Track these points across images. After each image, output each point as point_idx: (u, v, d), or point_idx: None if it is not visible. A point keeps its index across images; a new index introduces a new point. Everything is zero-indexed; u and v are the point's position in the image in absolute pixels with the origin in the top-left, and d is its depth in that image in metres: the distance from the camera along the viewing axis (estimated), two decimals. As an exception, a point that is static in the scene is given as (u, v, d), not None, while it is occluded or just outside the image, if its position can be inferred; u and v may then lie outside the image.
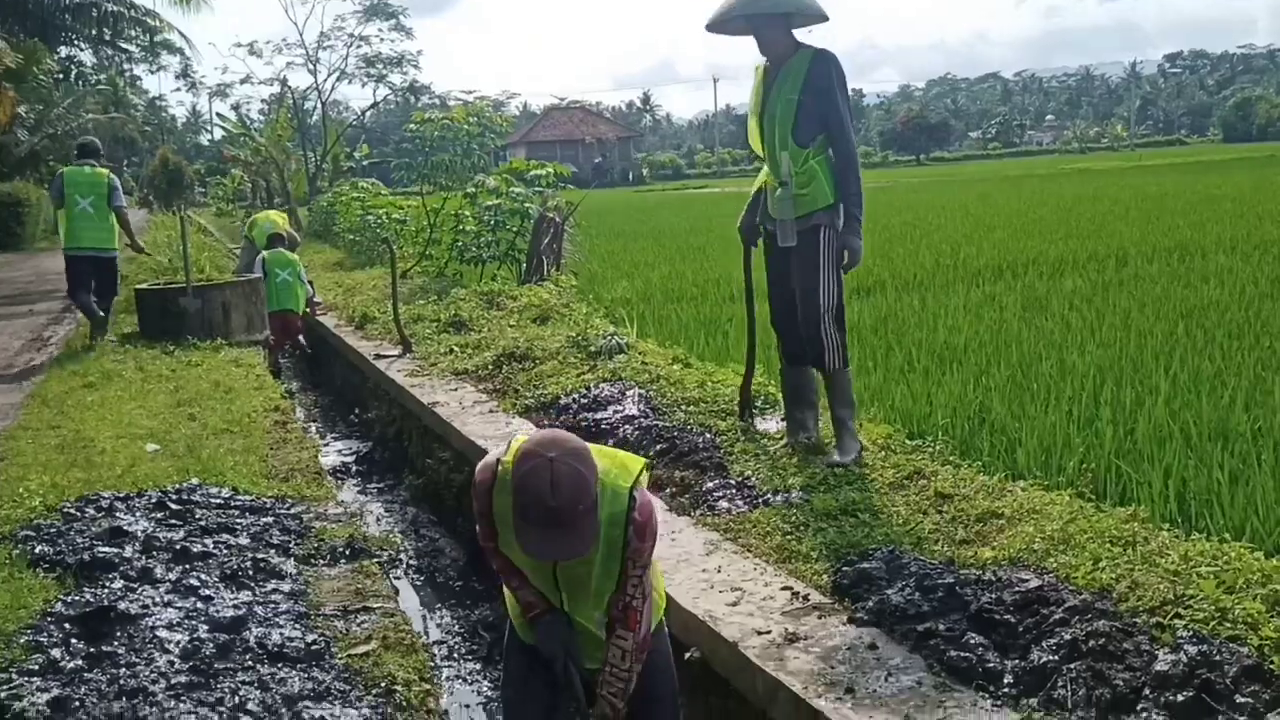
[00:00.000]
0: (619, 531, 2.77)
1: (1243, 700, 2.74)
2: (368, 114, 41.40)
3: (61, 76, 37.49)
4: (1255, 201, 20.48)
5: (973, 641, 3.22)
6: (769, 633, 3.56)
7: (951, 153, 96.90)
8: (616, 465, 2.86)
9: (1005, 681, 3.08)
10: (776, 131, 5.15)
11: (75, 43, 33.64)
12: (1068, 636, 3.12)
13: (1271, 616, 3.07)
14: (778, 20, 5.10)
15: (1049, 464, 5.28)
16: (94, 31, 24.01)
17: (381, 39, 30.89)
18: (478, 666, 5.25)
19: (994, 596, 3.42)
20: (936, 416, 6.19)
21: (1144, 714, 2.79)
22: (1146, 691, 2.85)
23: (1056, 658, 3.07)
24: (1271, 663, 2.86)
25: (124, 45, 26.09)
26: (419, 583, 6.38)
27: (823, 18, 5.20)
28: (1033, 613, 3.30)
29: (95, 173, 10.91)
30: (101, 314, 11.12)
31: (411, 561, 6.55)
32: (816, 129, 5.07)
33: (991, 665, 3.13)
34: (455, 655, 5.35)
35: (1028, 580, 3.49)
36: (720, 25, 5.29)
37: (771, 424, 5.93)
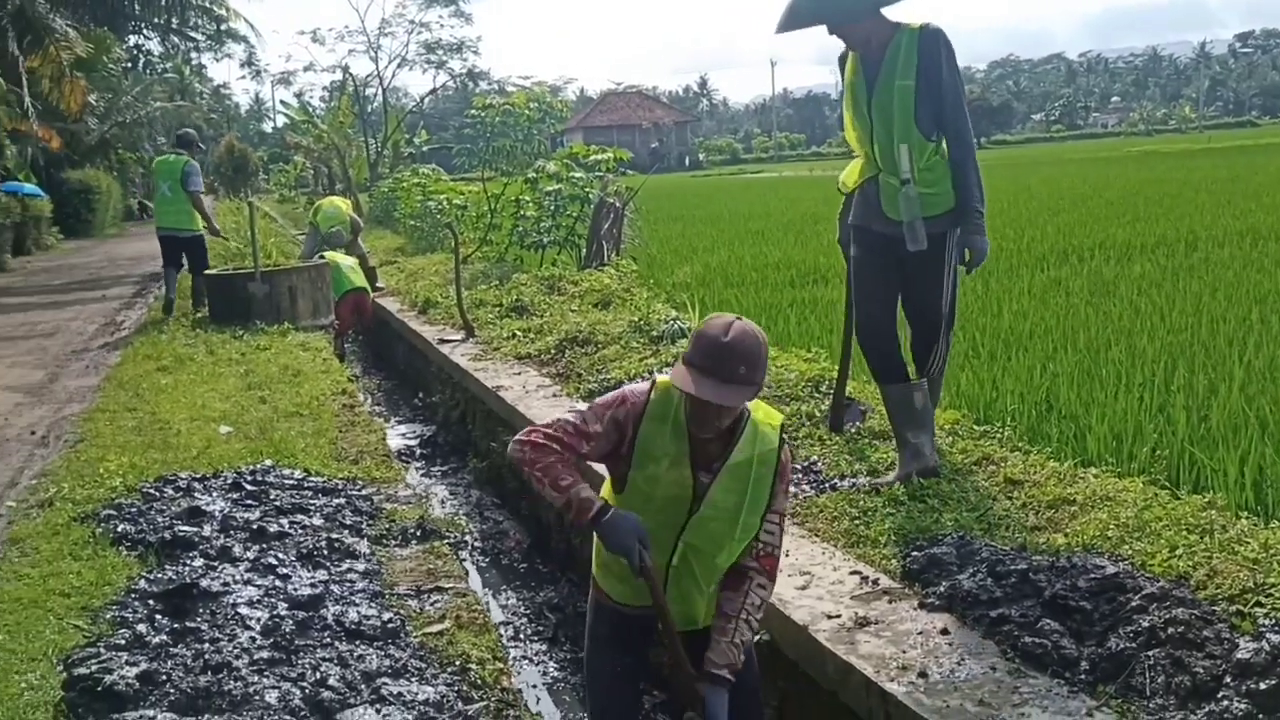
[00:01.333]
0: (769, 471, 2.79)
1: (1328, 690, 2.70)
2: (426, 100, 41.67)
3: (130, 65, 38.24)
4: (1332, 184, 19.97)
5: (1047, 628, 3.20)
6: (839, 616, 3.56)
7: (1014, 135, 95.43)
8: (763, 409, 2.90)
9: (1081, 668, 3.05)
10: (895, 122, 4.62)
11: (143, 32, 34.28)
12: (1145, 624, 3.09)
13: (1356, 606, 3.02)
14: (861, 11, 4.59)
15: (1120, 451, 5.20)
16: (162, 20, 24.39)
17: (442, 25, 31.14)
18: (544, 647, 5.31)
19: (1068, 583, 3.39)
20: (1004, 402, 6.13)
21: (1225, 702, 2.75)
22: (1228, 680, 2.81)
23: (1134, 645, 3.04)
24: (1357, 653, 2.81)
25: (191, 33, 26.45)
26: (484, 564, 6.45)
27: None
28: (1109, 599, 3.27)
29: (176, 159, 12.00)
30: (173, 296, 12.11)
31: (477, 544, 6.63)
32: (936, 117, 4.62)
33: (1067, 652, 3.11)
34: (521, 636, 5.42)
35: (1103, 567, 3.45)
36: (794, 25, 4.77)
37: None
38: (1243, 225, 14.17)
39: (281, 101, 41.44)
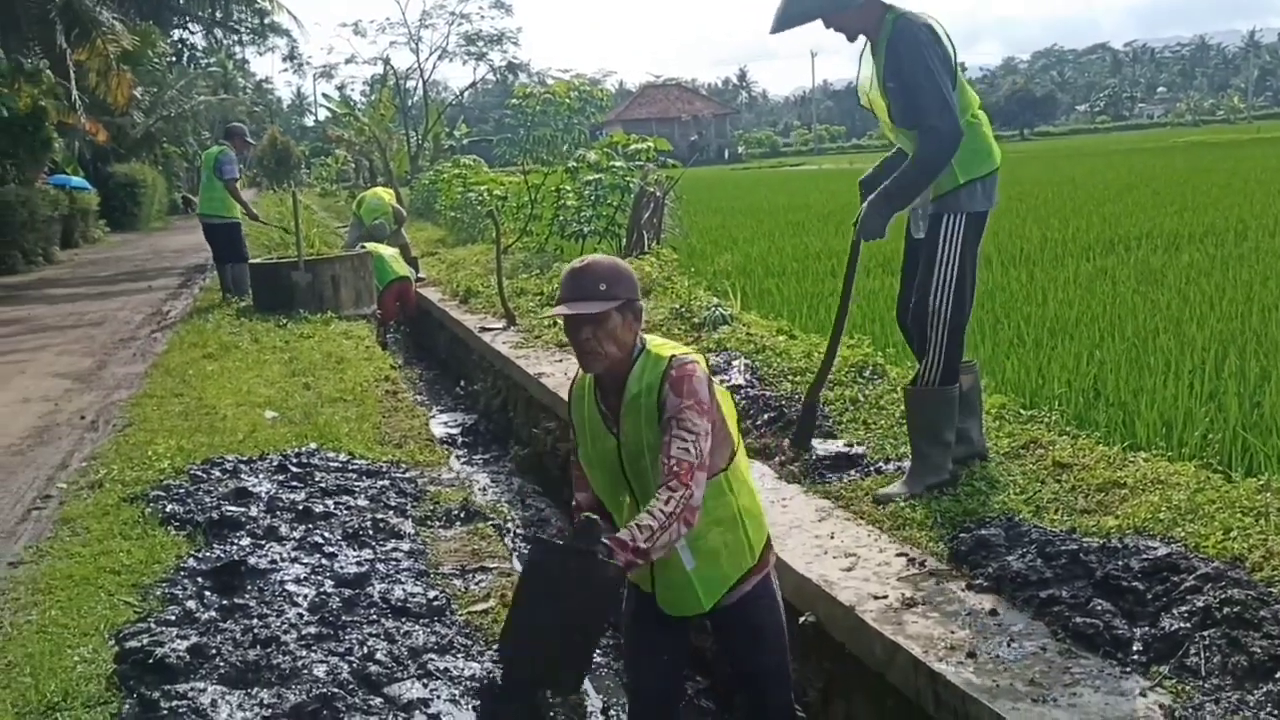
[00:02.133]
0: (654, 398, 2.80)
1: (1390, 671, 2.64)
2: (466, 93, 41.85)
3: (174, 60, 38.65)
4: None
5: (1099, 608, 3.15)
6: (885, 597, 3.54)
7: (1057, 126, 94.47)
8: (669, 346, 2.94)
9: (1134, 649, 3.01)
10: (881, 118, 4.54)
11: (188, 26, 34.65)
12: (1200, 604, 3.04)
13: None
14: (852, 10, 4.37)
15: (1170, 437, 5.13)
16: (207, 13, 24.65)
17: (482, 16, 31.24)
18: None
19: (1120, 563, 3.34)
20: (1050, 388, 6.06)
21: (1283, 683, 2.70)
22: (1286, 660, 2.76)
23: (1189, 625, 2.99)
24: None
25: (235, 26, 26.72)
26: (525, 551, 6.47)
27: None
28: (1162, 580, 3.22)
29: (215, 149, 12.54)
30: (227, 278, 12.50)
31: (519, 530, 6.64)
32: (901, 114, 4.37)
33: (1119, 632, 3.06)
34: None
35: (1155, 548, 3.40)
36: (787, 24, 4.54)
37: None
38: (1295, 213, 13.93)
39: (323, 95, 41.85)
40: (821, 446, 5.09)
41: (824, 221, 17.41)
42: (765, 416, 5.67)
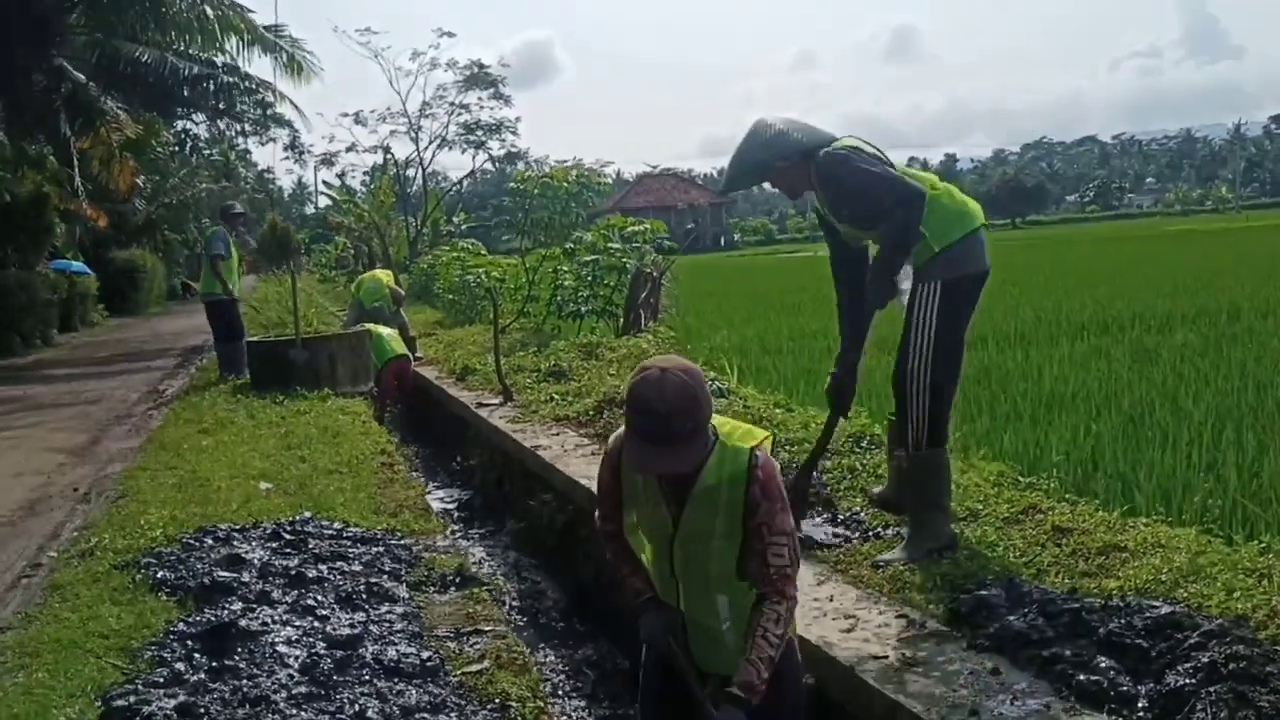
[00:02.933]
0: (739, 494, 2.68)
1: (1399, 724, 2.60)
2: (464, 182, 42.39)
3: (177, 149, 39.21)
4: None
5: (1103, 665, 3.11)
6: (886, 657, 3.49)
7: (1048, 216, 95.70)
8: (740, 430, 2.80)
9: (1139, 705, 2.96)
10: (861, 231, 4.68)
11: (190, 116, 35.20)
12: (1205, 660, 3.00)
13: None
14: (774, 171, 4.61)
15: (1169, 505, 5.11)
16: (211, 103, 25.08)
17: (481, 106, 31.71)
18: (583, 704, 5.21)
19: (1123, 621, 3.31)
20: (1048, 458, 6.05)
21: (1292, 737, 2.66)
22: (1294, 714, 2.72)
23: (1194, 681, 2.95)
24: None
25: (239, 116, 27.15)
26: (522, 623, 6.38)
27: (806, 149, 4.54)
28: (1166, 637, 3.18)
29: (211, 230, 12.98)
30: (225, 360, 12.51)
31: (515, 603, 6.56)
32: (868, 219, 4.52)
33: (1124, 689, 3.02)
34: (560, 693, 5.33)
35: (1158, 607, 3.37)
36: (733, 187, 4.92)
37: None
38: (1286, 296, 14.04)
39: (324, 182, 42.28)
40: (809, 526, 5.03)
41: (820, 304, 17.51)
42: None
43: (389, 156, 33.32)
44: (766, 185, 5.04)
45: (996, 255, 4.79)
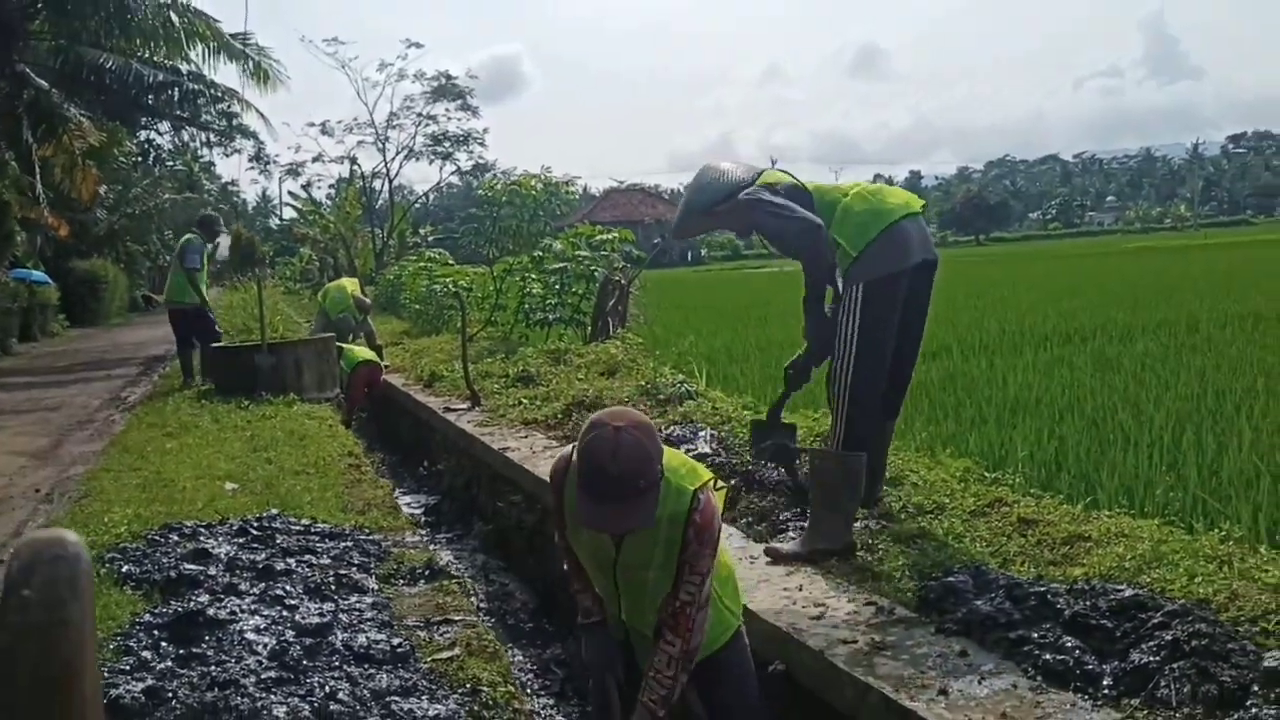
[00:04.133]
0: (678, 532, 2.74)
1: (1359, 695, 2.65)
2: (431, 195, 42.31)
3: (140, 159, 38.89)
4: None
5: (1068, 645, 3.16)
6: (855, 642, 3.52)
7: (1011, 233, 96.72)
8: (687, 467, 2.86)
9: (1104, 683, 3.01)
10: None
11: (154, 126, 34.92)
12: (1169, 638, 3.05)
13: (1382, 621, 2.98)
14: (716, 215, 4.79)
15: (1133, 500, 5.18)
16: (175, 111, 24.89)
17: (449, 118, 31.64)
18: (550, 701, 5.21)
19: (1088, 604, 3.36)
20: (1014, 457, 6.12)
21: (1253, 709, 2.70)
22: (1255, 688, 2.77)
23: (1158, 658, 3.00)
24: (1387, 662, 2.77)
25: (202, 126, 26.93)
26: (490, 624, 6.36)
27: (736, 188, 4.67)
28: (1130, 618, 3.23)
29: (185, 238, 12.66)
30: (189, 363, 12.35)
31: (482, 604, 6.54)
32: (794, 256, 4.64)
33: (1089, 667, 3.06)
34: (529, 691, 5.32)
35: (1122, 590, 3.42)
36: (683, 235, 5.09)
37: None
38: (1243, 309, 14.26)
39: (289, 193, 42.14)
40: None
41: (786, 316, 17.62)
42: (732, 482, 5.67)
43: (355, 168, 33.20)
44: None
45: (960, 272, 4.93)
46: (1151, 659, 3.01)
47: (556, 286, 13.54)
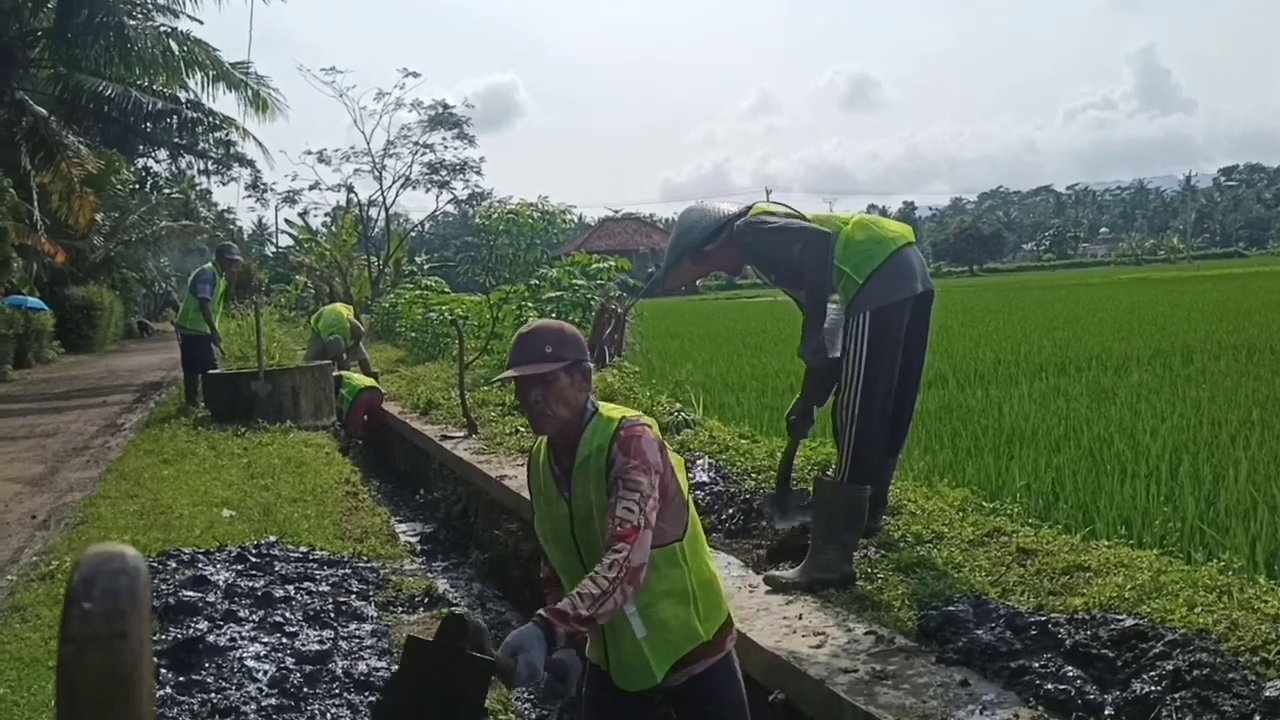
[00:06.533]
0: (603, 459, 2.75)
1: (1360, 725, 2.66)
2: (426, 223, 42.43)
3: (137, 186, 38.99)
4: (1325, 305, 20.24)
5: (1070, 674, 3.16)
6: (856, 671, 3.52)
7: (1005, 264, 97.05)
8: (624, 410, 2.91)
9: (1106, 713, 3.01)
10: (794, 291, 4.86)
11: (152, 153, 35.06)
12: (1170, 668, 3.06)
13: (1382, 651, 2.99)
14: (705, 256, 4.82)
15: (1130, 531, 5.20)
16: (173, 139, 24.99)
17: (445, 146, 31.80)
18: (550, 730, 5.20)
19: (1089, 633, 3.36)
20: (1011, 487, 6.13)
21: (1255, 739, 2.71)
22: (1257, 717, 2.77)
23: (1159, 688, 3.00)
24: (1387, 692, 2.78)
25: (200, 154, 27.05)
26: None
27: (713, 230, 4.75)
28: (1131, 648, 3.24)
29: (202, 267, 12.96)
30: (194, 388, 12.44)
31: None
32: (793, 274, 4.70)
33: (1091, 697, 3.06)
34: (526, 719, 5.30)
35: (1123, 619, 3.43)
36: (680, 278, 5.08)
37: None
38: (1237, 339, 14.31)
39: (286, 220, 42.12)
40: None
41: (782, 345, 17.66)
42: (729, 511, 5.68)
43: (352, 195, 33.31)
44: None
45: (955, 301, 4.95)
46: (1153, 689, 3.01)
47: (553, 315, 13.56)
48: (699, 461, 6.63)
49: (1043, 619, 3.55)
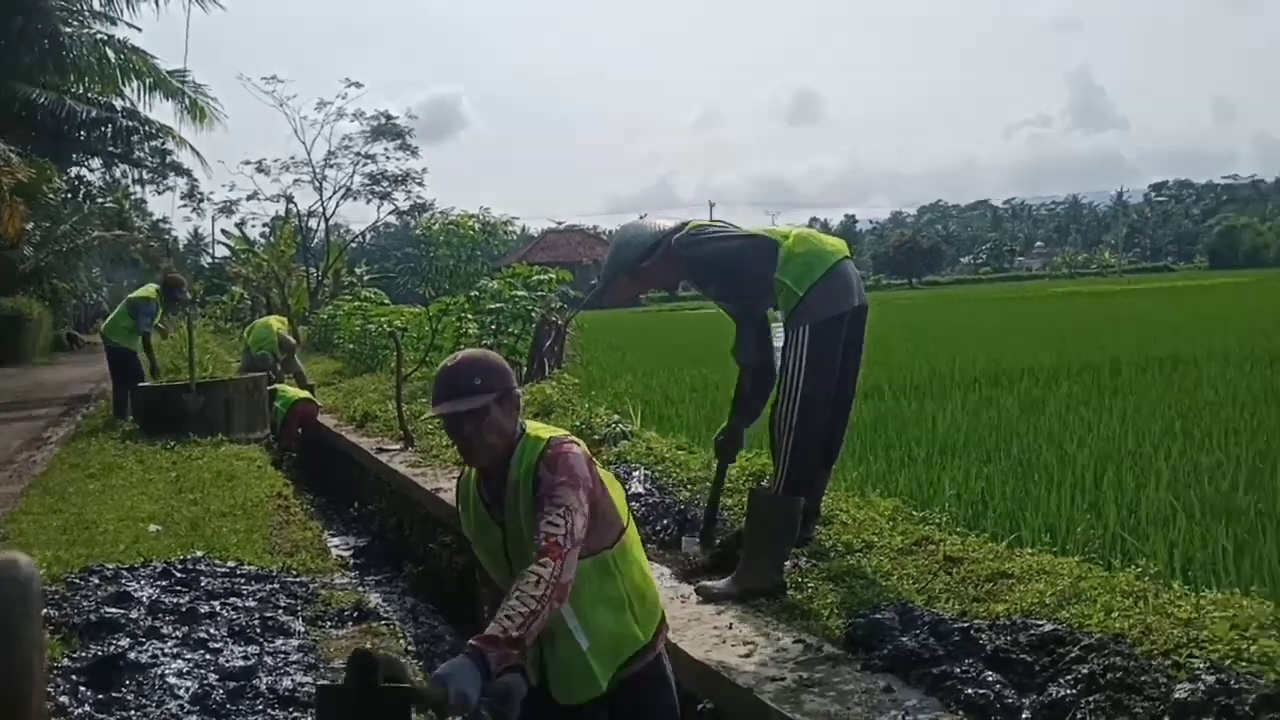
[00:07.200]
0: (531, 479, 2.75)
1: (1264, 726, 2.74)
2: (367, 234, 42.10)
3: (69, 195, 38.19)
4: (1245, 319, 20.77)
5: (989, 679, 3.23)
6: (784, 680, 3.55)
7: (944, 277, 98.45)
8: (552, 430, 2.91)
9: (1023, 716, 3.08)
10: (731, 307, 4.94)
11: (85, 162, 34.42)
12: (1085, 671, 3.13)
13: (1287, 653, 3.08)
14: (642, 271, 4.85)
15: (1055, 538, 5.30)
16: (108, 148, 24.58)
17: (388, 157, 31.53)
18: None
19: (1009, 639, 3.44)
20: (942, 496, 6.22)
21: (1165, 740, 2.78)
22: (1166, 719, 2.84)
23: (1075, 691, 3.07)
24: (1290, 692, 2.87)
25: (135, 163, 26.62)
26: (419, 667, 6.28)
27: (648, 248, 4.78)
28: (1049, 652, 3.32)
29: (144, 292, 12.90)
30: (124, 401, 12.21)
31: (411, 647, 6.47)
32: (732, 286, 4.80)
33: (1009, 701, 3.13)
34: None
35: (1042, 625, 3.51)
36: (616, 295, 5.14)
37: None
38: (1163, 352, 14.64)
39: (223, 231, 41.53)
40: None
41: (720, 357, 17.71)
42: (664, 522, 5.71)
43: (291, 206, 32.92)
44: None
45: (894, 314, 5.04)
46: (1069, 692, 3.08)
47: (493, 327, 13.53)
48: (635, 473, 6.65)
49: (966, 625, 3.62)
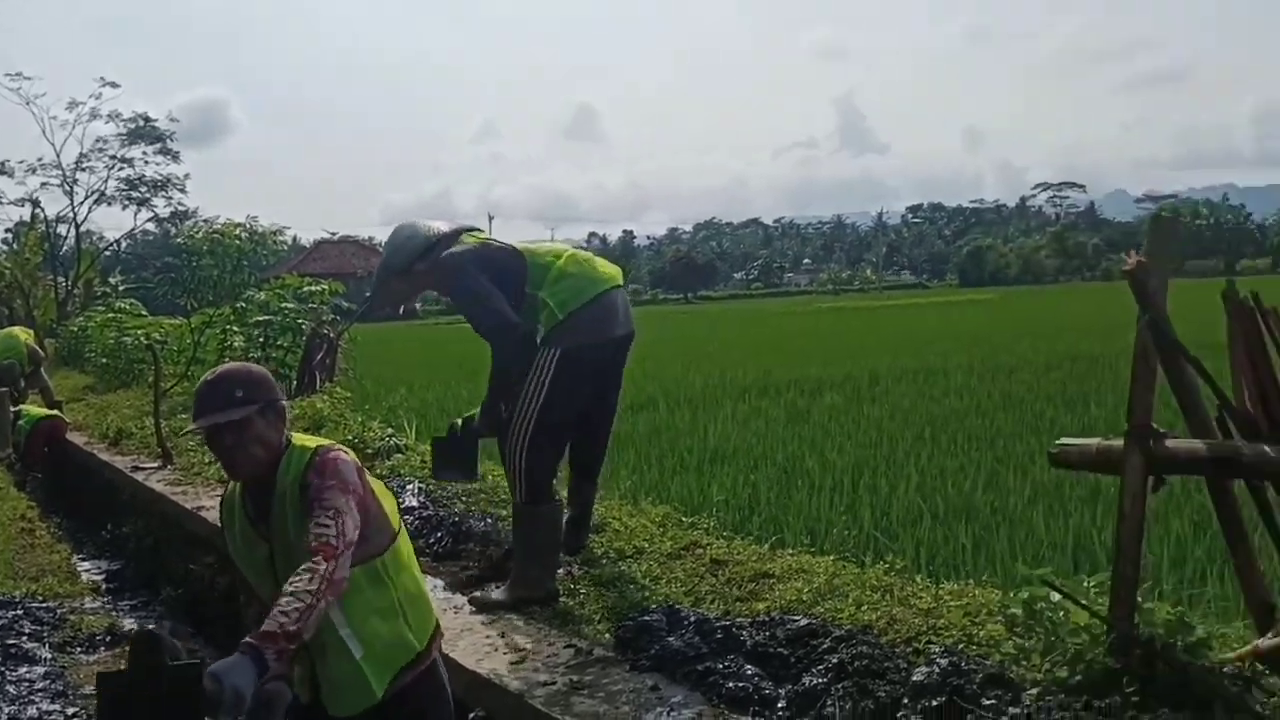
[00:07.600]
0: (298, 487, 2.74)
1: (988, 702, 3.00)
2: (123, 242, 39.78)
3: None
4: (989, 334, 22.41)
5: (749, 673, 3.40)
6: (554, 684, 3.62)
7: (717, 292, 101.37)
8: (320, 440, 2.90)
9: (779, 705, 3.26)
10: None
11: None
12: (835, 661, 3.34)
13: (1010, 636, 3.38)
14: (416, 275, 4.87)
15: (814, 539, 5.59)
16: None
17: (146, 161, 29.97)
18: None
19: (768, 634, 3.63)
20: (711, 503, 6.45)
21: (903, 718, 3.00)
22: (905, 700, 3.07)
23: (825, 680, 3.27)
24: (1011, 671, 3.16)
25: None
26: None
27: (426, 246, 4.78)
28: (804, 645, 3.52)
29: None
30: None
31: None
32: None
33: (767, 692, 3.31)
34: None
35: (799, 620, 3.72)
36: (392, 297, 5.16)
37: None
38: (916, 365, 15.62)
39: (-43, 238, 38.41)
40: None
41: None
42: (438, 534, 5.69)
43: (38, 211, 30.77)
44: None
45: (670, 329, 5.17)
46: (820, 681, 3.28)
47: (260, 339, 13.03)
48: (409, 486, 6.59)
49: (729, 624, 3.79)
